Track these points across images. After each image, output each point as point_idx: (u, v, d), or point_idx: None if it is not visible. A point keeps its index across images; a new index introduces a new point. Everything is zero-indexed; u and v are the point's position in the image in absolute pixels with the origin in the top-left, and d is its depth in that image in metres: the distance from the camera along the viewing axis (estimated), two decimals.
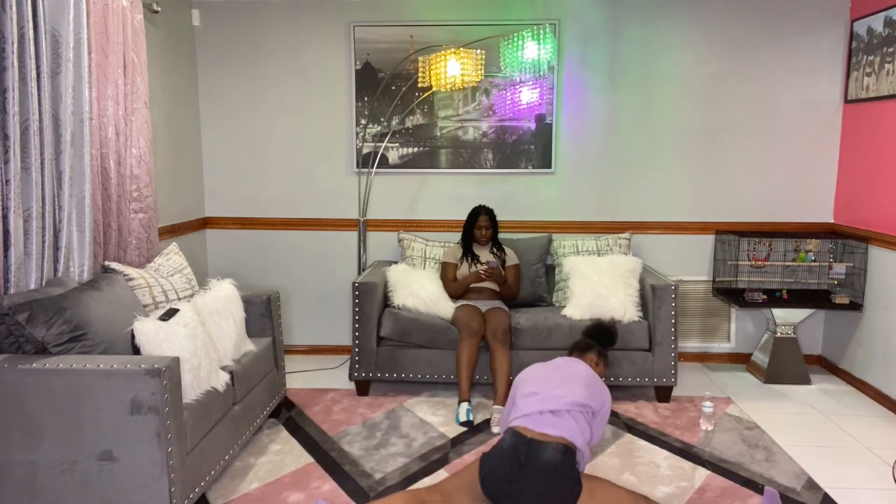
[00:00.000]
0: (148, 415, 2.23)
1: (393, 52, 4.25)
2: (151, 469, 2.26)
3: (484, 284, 3.94)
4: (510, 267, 4.03)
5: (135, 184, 3.28)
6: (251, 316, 3.32)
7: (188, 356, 2.51)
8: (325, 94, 4.35)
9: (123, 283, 2.80)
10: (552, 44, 4.15)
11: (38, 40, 2.60)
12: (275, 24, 4.30)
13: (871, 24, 3.87)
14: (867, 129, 3.96)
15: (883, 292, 3.76)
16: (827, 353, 4.35)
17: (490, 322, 3.66)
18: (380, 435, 3.30)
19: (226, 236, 4.51)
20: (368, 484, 2.83)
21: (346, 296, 4.51)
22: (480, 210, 4.01)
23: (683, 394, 3.86)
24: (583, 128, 4.32)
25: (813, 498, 2.74)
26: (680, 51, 4.22)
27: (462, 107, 4.31)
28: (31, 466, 2.26)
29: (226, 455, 2.78)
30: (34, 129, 2.57)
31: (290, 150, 4.42)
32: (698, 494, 2.76)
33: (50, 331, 2.34)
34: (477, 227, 3.98)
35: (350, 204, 4.44)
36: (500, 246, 4.05)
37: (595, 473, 2.92)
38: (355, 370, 3.78)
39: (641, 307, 3.79)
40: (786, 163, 4.29)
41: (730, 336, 4.46)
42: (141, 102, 3.29)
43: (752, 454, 3.12)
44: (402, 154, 4.37)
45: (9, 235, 2.51)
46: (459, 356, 3.57)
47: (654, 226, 4.39)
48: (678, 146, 4.31)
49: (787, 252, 4.24)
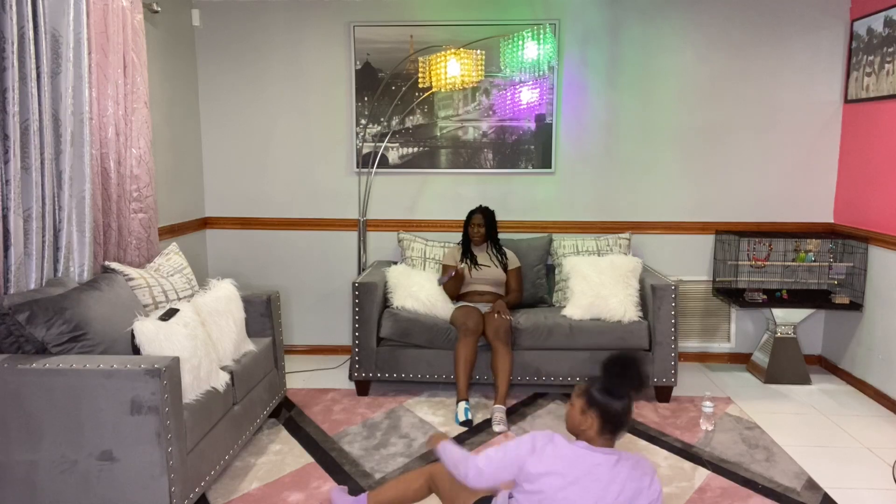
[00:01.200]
0: (148, 415, 2.23)
1: (393, 52, 4.25)
2: (151, 469, 2.26)
3: (485, 287, 3.94)
4: (511, 270, 4.01)
5: (135, 184, 3.28)
6: (251, 316, 3.32)
7: (188, 356, 2.51)
8: (325, 94, 4.35)
9: (123, 283, 2.80)
10: (552, 44, 4.15)
11: (38, 40, 2.60)
12: (275, 24, 4.30)
13: (871, 24, 3.87)
14: (867, 129, 3.96)
15: (883, 292, 3.76)
16: (827, 353, 4.35)
17: (491, 322, 3.66)
18: (380, 435, 3.30)
19: (226, 236, 4.51)
20: (368, 484, 2.83)
21: (346, 296, 4.51)
22: (477, 209, 4.03)
23: (683, 394, 3.86)
24: (583, 128, 4.32)
25: (813, 498, 2.74)
26: (680, 51, 4.22)
27: (462, 107, 4.31)
28: (31, 466, 2.26)
29: (226, 455, 2.78)
30: (34, 129, 2.57)
31: (290, 150, 4.42)
32: (698, 494, 2.76)
33: (50, 331, 2.34)
34: (471, 225, 4.00)
35: (350, 204, 4.44)
36: (499, 248, 4.04)
37: None
38: (355, 370, 3.78)
39: (641, 307, 3.79)
40: (786, 163, 4.29)
41: (730, 336, 4.46)
42: (141, 102, 3.30)
43: (752, 454, 3.12)
44: (402, 154, 4.37)
45: (9, 235, 2.51)
46: (457, 355, 3.57)
47: (654, 226, 4.39)
48: (678, 146, 4.31)
49: (787, 252, 4.24)
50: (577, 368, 3.70)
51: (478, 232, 3.98)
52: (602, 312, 3.71)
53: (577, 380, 3.72)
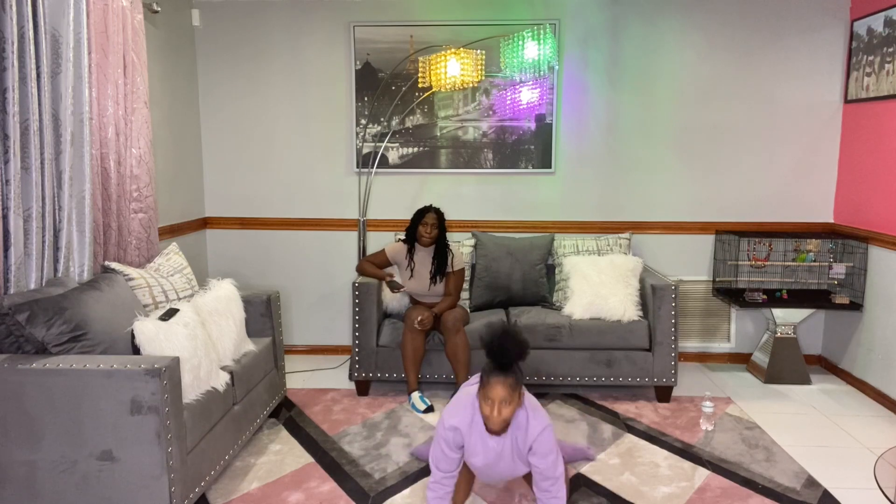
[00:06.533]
0: (148, 415, 2.23)
1: (393, 52, 4.25)
2: (151, 469, 2.26)
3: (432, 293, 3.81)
4: (453, 272, 3.79)
5: (135, 184, 3.28)
6: (251, 316, 3.32)
7: (188, 356, 2.51)
8: (325, 94, 4.35)
9: (123, 283, 2.80)
10: (552, 44, 4.15)
11: (38, 40, 2.60)
12: (275, 24, 4.30)
13: (871, 24, 3.87)
14: (867, 129, 3.96)
15: (883, 292, 3.76)
16: (827, 353, 4.35)
17: (442, 317, 3.67)
18: (380, 435, 3.30)
19: (226, 236, 4.51)
20: (368, 484, 2.83)
21: (346, 296, 4.51)
22: (429, 208, 3.80)
23: (683, 394, 3.86)
24: (583, 128, 4.32)
25: (813, 497, 2.74)
26: (680, 51, 4.23)
27: (462, 107, 4.31)
28: (31, 466, 2.26)
29: (226, 455, 2.78)
30: (34, 129, 2.57)
31: (290, 150, 4.42)
32: (698, 494, 2.76)
33: (50, 331, 2.34)
34: (423, 223, 3.73)
35: (350, 204, 4.44)
36: (444, 251, 3.78)
37: (595, 473, 2.92)
38: (355, 370, 3.78)
39: (641, 307, 3.79)
40: (786, 163, 4.29)
41: (730, 336, 4.46)
42: (141, 102, 3.29)
43: (752, 454, 3.12)
44: (402, 154, 4.37)
45: (9, 235, 2.51)
46: (403, 350, 3.63)
47: (654, 226, 4.39)
48: (678, 146, 4.31)
49: (787, 252, 4.24)
50: (576, 368, 3.70)
51: (430, 233, 3.73)
52: (602, 312, 3.72)
53: (576, 379, 3.72)
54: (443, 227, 3.80)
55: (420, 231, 3.76)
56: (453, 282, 3.82)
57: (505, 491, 2.76)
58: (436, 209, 3.82)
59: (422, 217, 3.77)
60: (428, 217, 3.76)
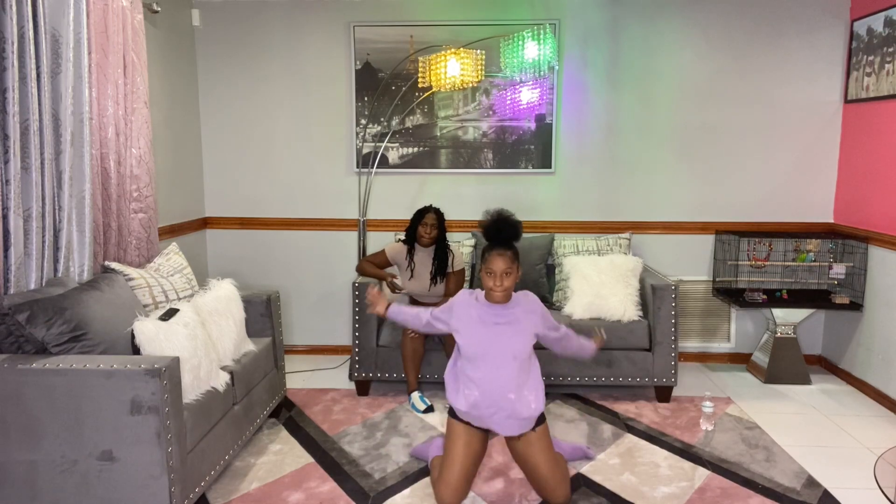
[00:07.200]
0: (148, 415, 2.23)
1: (393, 52, 4.25)
2: (151, 469, 2.26)
3: (433, 294, 3.81)
4: (453, 273, 3.80)
5: (135, 184, 3.28)
6: (251, 316, 3.32)
7: (188, 356, 2.51)
8: (325, 94, 4.35)
9: (123, 283, 2.80)
10: (552, 44, 4.15)
11: (38, 40, 2.60)
12: (275, 24, 4.30)
13: (871, 24, 3.87)
14: (867, 129, 3.96)
15: (883, 292, 3.76)
16: (827, 353, 4.35)
17: None
18: (380, 435, 3.30)
19: (226, 236, 4.51)
20: (368, 484, 2.83)
21: (346, 296, 4.51)
22: (429, 208, 3.80)
23: (683, 394, 3.86)
24: (583, 128, 4.32)
25: (813, 497, 2.74)
26: (680, 51, 4.23)
27: (462, 107, 4.31)
28: (31, 466, 2.26)
29: (226, 455, 2.78)
30: (34, 129, 2.57)
31: (290, 150, 4.42)
32: (698, 494, 2.76)
33: (50, 331, 2.34)
34: (423, 224, 3.73)
35: (350, 204, 4.44)
36: (444, 251, 3.78)
37: (595, 473, 2.92)
38: (355, 370, 3.78)
39: (641, 307, 3.79)
40: (786, 163, 4.29)
41: (730, 336, 4.46)
42: (141, 102, 3.30)
43: (752, 454, 3.12)
44: (402, 154, 4.37)
45: (9, 235, 2.51)
46: (403, 350, 3.63)
47: (654, 226, 4.39)
48: (678, 146, 4.31)
49: (787, 252, 4.24)
50: (576, 367, 3.70)
51: (430, 233, 3.73)
52: (602, 311, 3.72)
53: (576, 379, 3.72)
54: (443, 227, 3.80)
55: (420, 231, 3.76)
56: (453, 282, 3.82)
57: (505, 491, 2.76)
58: (436, 209, 3.82)
59: (422, 217, 3.77)
60: (428, 217, 3.76)
